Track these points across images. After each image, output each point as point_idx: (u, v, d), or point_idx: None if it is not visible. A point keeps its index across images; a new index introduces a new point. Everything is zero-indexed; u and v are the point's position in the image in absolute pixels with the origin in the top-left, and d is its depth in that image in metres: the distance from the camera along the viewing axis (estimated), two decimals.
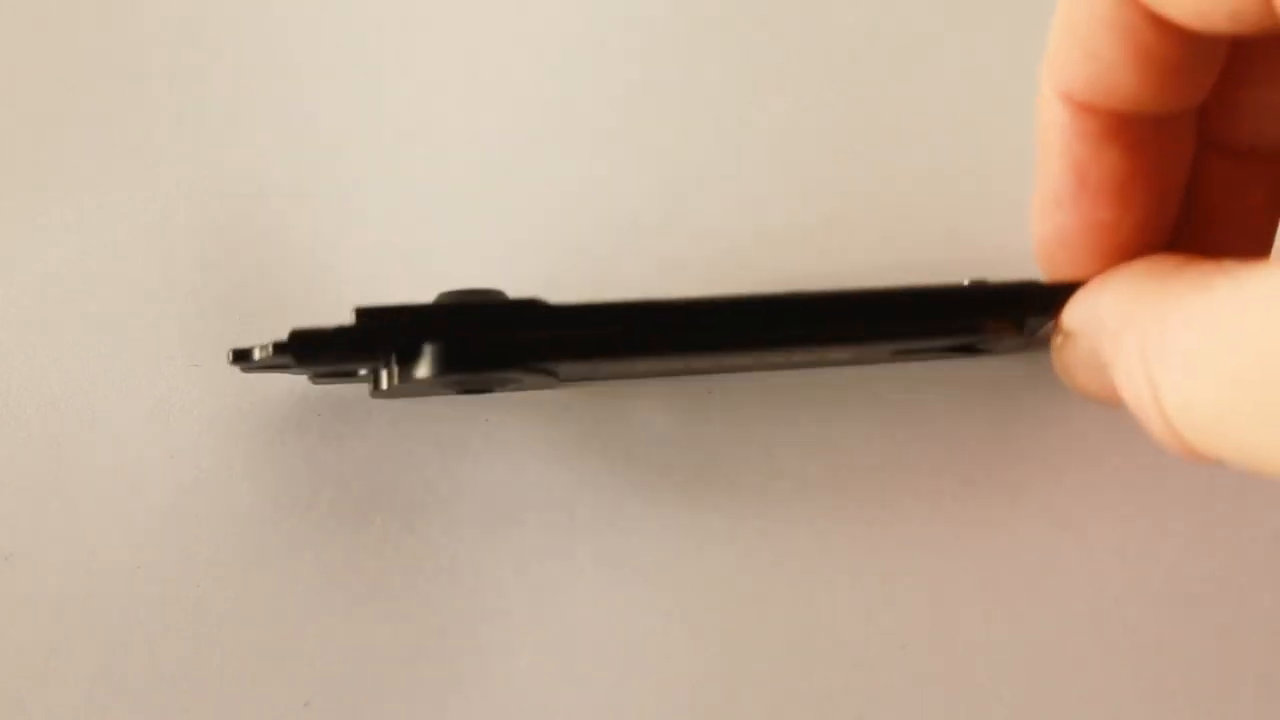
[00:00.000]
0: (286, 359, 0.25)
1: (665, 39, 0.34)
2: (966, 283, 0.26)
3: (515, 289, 0.30)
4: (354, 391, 0.29)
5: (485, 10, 0.35)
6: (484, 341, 0.25)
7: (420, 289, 0.30)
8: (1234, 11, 0.19)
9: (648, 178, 0.32)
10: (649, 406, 0.29)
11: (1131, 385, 0.21)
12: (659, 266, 0.30)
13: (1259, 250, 0.27)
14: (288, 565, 0.26)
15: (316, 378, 0.28)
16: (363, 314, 0.25)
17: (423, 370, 0.25)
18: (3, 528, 0.27)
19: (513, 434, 0.28)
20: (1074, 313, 0.24)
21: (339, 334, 0.25)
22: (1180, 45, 0.22)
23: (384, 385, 0.25)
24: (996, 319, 0.27)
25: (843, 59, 0.33)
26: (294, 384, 0.28)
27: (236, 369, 0.29)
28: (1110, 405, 0.24)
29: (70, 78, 0.34)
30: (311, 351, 0.25)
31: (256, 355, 0.25)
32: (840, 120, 0.32)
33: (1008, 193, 0.29)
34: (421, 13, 0.35)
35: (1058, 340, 0.25)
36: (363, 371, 0.26)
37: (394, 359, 0.25)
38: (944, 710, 0.25)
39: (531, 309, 0.25)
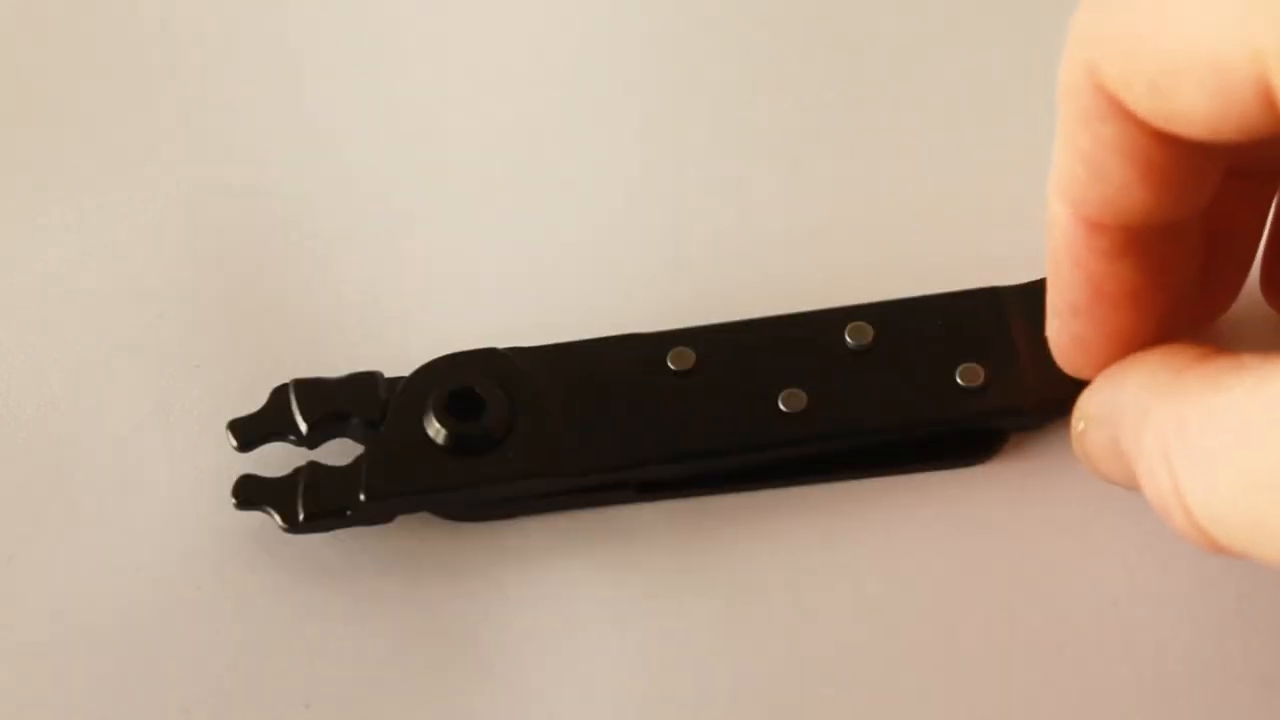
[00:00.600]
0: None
1: (667, 43, 0.34)
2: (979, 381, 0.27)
3: (515, 289, 0.30)
4: None
5: (487, 12, 0.35)
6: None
7: (420, 290, 0.30)
8: (1243, 122, 0.19)
9: (650, 178, 0.32)
10: None
11: (1153, 482, 0.21)
12: (661, 268, 0.30)
13: (1239, 268, 0.27)
14: (288, 565, 0.26)
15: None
16: (372, 491, 0.25)
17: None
18: (3, 529, 0.27)
19: None
20: (1093, 401, 0.24)
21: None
22: (1188, 157, 0.22)
23: None
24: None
25: (845, 61, 0.33)
26: None
27: (237, 369, 0.29)
28: (1133, 490, 0.24)
29: (70, 78, 0.33)
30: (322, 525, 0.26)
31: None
32: (843, 122, 0.32)
33: (1014, 193, 0.29)
34: (421, 13, 0.35)
35: (1078, 427, 0.25)
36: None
37: None
38: (944, 710, 0.25)
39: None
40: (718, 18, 0.34)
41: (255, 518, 0.26)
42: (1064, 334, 0.26)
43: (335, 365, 0.27)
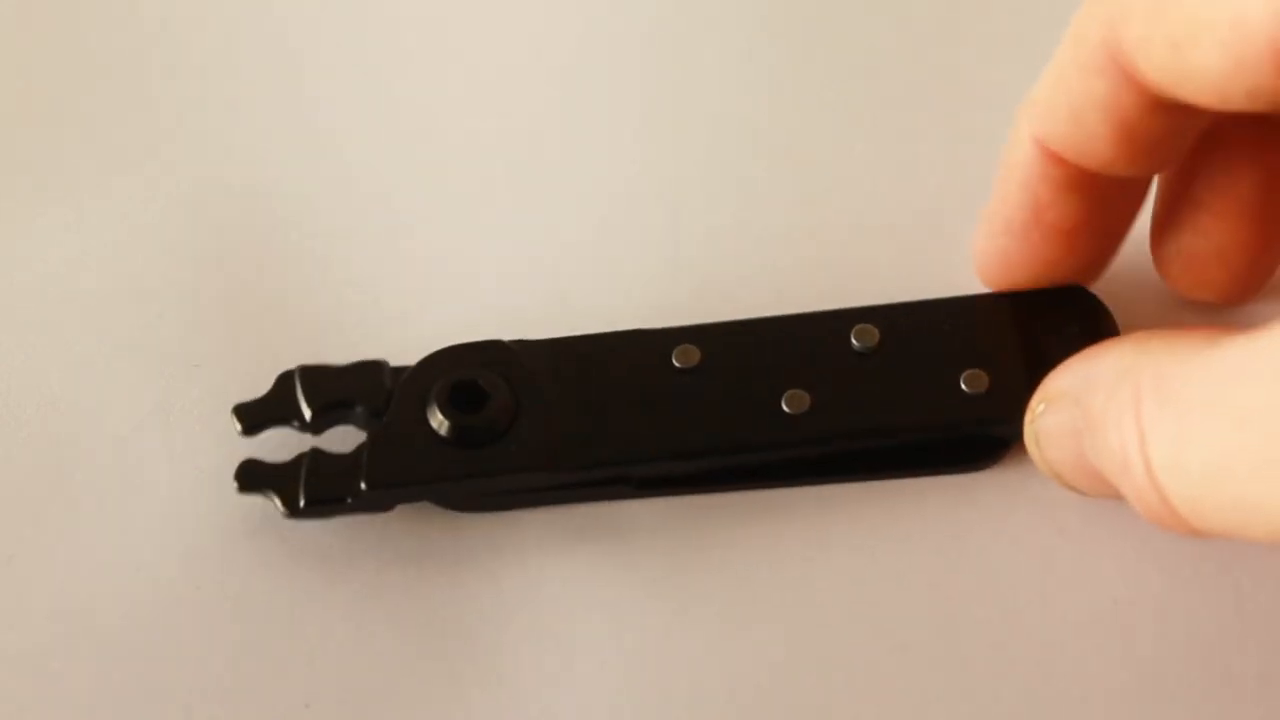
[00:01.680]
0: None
1: (667, 42, 0.34)
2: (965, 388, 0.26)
3: (514, 289, 0.30)
4: None
5: (486, 12, 0.35)
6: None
7: (420, 290, 0.30)
8: (1252, 89, 0.20)
9: (649, 178, 0.32)
10: None
11: (1118, 433, 0.21)
12: (660, 269, 0.30)
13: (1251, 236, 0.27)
14: (288, 565, 0.26)
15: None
16: (373, 480, 0.25)
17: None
18: (3, 529, 0.27)
19: None
20: (1062, 378, 0.24)
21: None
22: (1166, 124, 0.23)
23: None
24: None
25: (848, 60, 0.33)
26: None
27: (237, 368, 0.29)
28: (1076, 487, 0.24)
29: (70, 77, 0.34)
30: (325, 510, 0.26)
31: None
32: (848, 123, 0.32)
33: None
34: (420, 13, 0.35)
35: (1038, 409, 0.25)
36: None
37: None
38: (944, 710, 0.25)
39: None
40: (718, 18, 0.34)
41: (255, 517, 0.26)
42: (991, 245, 0.27)
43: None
